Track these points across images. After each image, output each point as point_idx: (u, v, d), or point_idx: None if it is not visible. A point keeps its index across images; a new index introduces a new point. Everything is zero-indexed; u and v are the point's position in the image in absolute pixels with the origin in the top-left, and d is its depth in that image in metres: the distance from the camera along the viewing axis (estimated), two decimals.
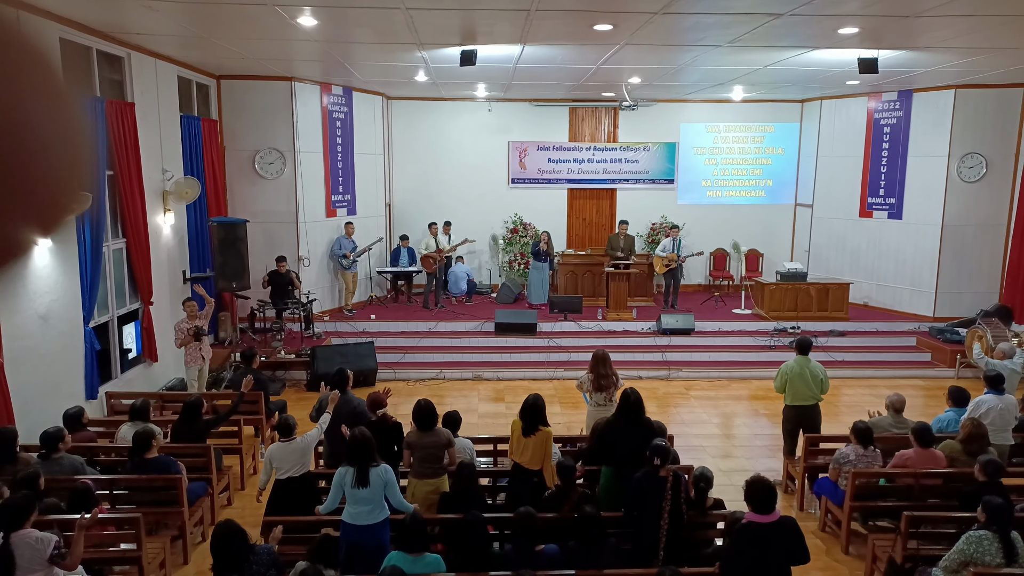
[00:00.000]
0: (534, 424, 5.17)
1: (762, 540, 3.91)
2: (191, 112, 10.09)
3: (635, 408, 5.27)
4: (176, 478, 5.44)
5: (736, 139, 14.28)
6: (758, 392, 9.91)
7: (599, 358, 6.50)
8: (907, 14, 6.57)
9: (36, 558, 3.95)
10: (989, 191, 11.61)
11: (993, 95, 11.29)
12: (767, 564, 3.91)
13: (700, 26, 7.23)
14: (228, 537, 4.11)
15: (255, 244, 10.67)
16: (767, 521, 3.91)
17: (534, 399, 5.26)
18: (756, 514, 3.94)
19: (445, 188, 13.98)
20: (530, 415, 5.18)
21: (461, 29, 7.58)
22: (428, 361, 10.71)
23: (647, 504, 4.55)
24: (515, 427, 5.25)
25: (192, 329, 7.91)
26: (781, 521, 3.95)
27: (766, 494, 3.93)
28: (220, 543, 4.09)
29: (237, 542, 4.11)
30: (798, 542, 3.95)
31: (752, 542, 3.93)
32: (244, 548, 4.13)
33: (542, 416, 5.23)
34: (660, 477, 4.56)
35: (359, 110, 12.57)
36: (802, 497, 6.51)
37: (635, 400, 5.31)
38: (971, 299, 11.75)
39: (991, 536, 4.33)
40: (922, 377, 10.54)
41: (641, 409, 5.30)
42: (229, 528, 4.15)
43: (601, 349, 6.65)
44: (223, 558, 4.08)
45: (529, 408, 5.20)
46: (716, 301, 13.07)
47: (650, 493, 4.55)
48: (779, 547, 3.92)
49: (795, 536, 3.95)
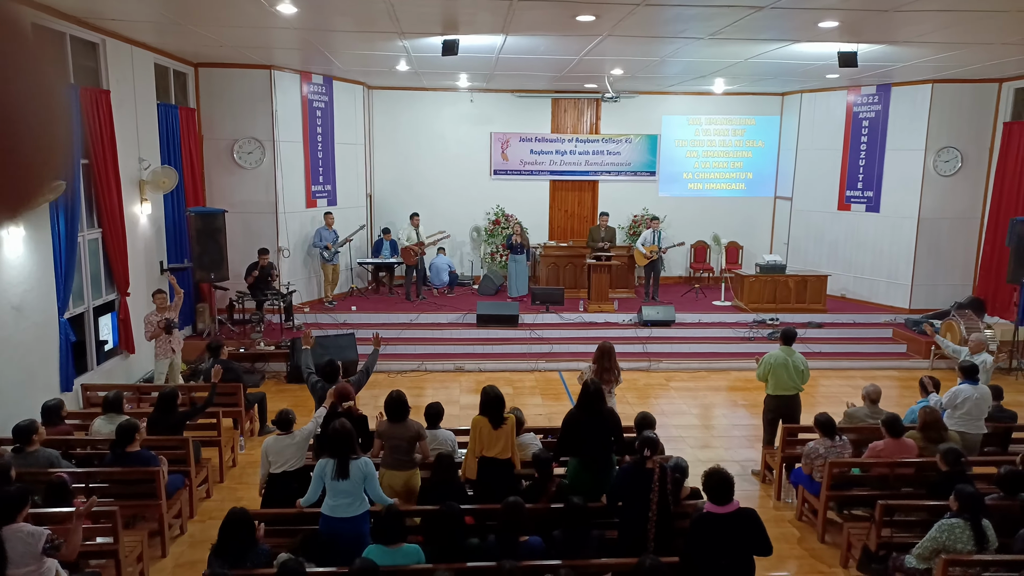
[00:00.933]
0: (501, 415, 5.19)
1: (720, 530, 3.96)
2: (168, 100, 9.93)
3: (595, 399, 5.30)
4: (153, 471, 5.38)
5: (717, 132, 14.35)
6: (737, 383, 10.00)
7: (605, 350, 6.55)
8: (886, 8, 6.63)
9: (28, 552, 3.91)
10: (964, 185, 11.78)
11: (969, 90, 11.44)
12: (726, 554, 3.96)
13: (682, 18, 7.24)
14: (239, 524, 4.17)
15: (234, 234, 10.55)
16: (724, 512, 3.96)
17: (495, 391, 5.27)
18: (714, 505, 3.99)
19: (427, 179, 13.92)
20: (496, 408, 5.19)
21: (443, 18, 7.52)
22: (409, 353, 10.69)
23: (634, 495, 4.58)
24: (480, 423, 5.22)
25: (162, 322, 7.79)
26: (740, 512, 3.99)
27: (723, 485, 3.98)
28: (230, 528, 4.15)
29: (246, 531, 4.18)
30: (758, 533, 3.99)
31: (710, 532, 3.98)
32: (250, 540, 4.17)
33: (504, 405, 5.27)
34: (647, 469, 4.60)
35: (339, 99, 12.46)
36: (780, 487, 6.60)
37: (595, 391, 5.34)
38: (946, 291, 11.94)
39: (963, 524, 4.41)
40: (898, 368, 10.70)
41: (601, 400, 5.33)
42: (243, 516, 4.21)
43: (607, 341, 6.70)
44: (228, 543, 4.11)
45: (494, 401, 5.20)
46: (696, 293, 13.16)
47: (637, 484, 4.58)
48: (738, 537, 3.96)
49: (755, 527, 3.99)
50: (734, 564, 3.99)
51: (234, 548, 4.13)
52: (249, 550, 4.17)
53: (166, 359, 7.94)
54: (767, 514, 6.20)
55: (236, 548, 4.13)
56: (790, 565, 5.52)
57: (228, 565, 4.10)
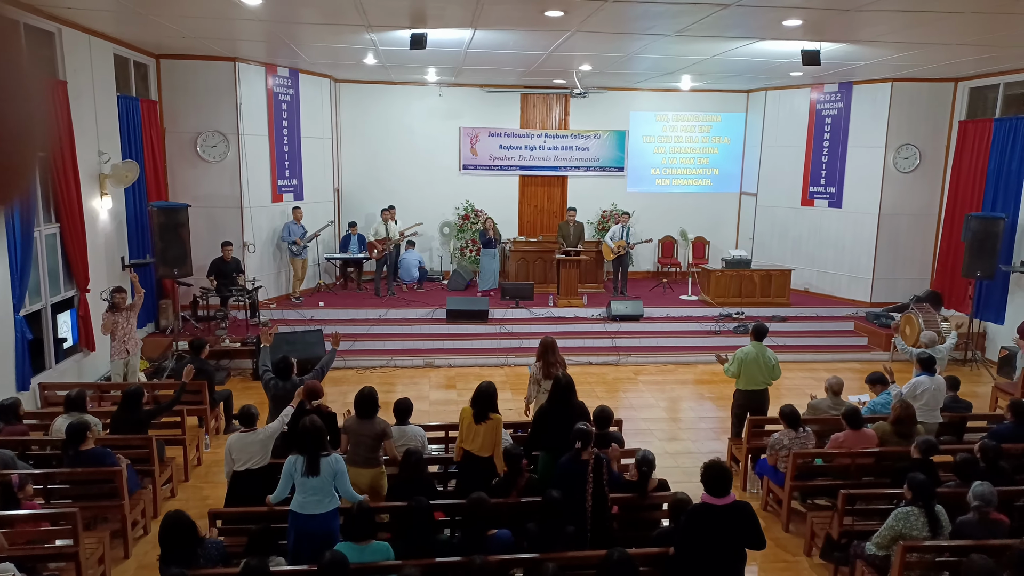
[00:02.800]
0: (485, 411, 5.18)
1: (714, 522, 4.01)
2: (129, 92, 9.70)
3: (566, 392, 5.34)
4: (115, 470, 5.27)
5: (684, 128, 14.50)
6: (704, 376, 10.15)
7: (547, 345, 6.54)
8: (848, 8, 6.76)
9: None
10: (922, 182, 12.09)
11: (926, 89, 11.73)
12: (720, 545, 4.02)
13: (649, 15, 7.30)
14: (177, 528, 4.01)
15: (198, 229, 10.35)
16: (720, 504, 4.01)
17: (486, 386, 5.27)
18: (711, 496, 4.04)
19: (395, 173, 13.82)
20: (481, 402, 5.19)
21: (411, 11, 7.47)
22: (378, 349, 10.62)
23: (572, 487, 4.61)
24: (465, 415, 5.25)
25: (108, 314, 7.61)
26: (735, 505, 4.04)
27: (721, 478, 4.03)
28: (169, 534, 3.99)
29: (186, 533, 4.01)
30: (752, 526, 4.05)
31: (704, 523, 4.03)
32: (193, 540, 4.04)
33: (493, 403, 5.24)
34: (582, 460, 4.63)
35: (306, 92, 12.30)
36: (745, 478, 6.71)
37: (566, 384, 5.37)
38: (905, 285, 12.25)
39: (917, 511, 4.54)
40: (859, 360, 10.95)
41: (572, 392, 5.37)
42: (178, 519, 4.04)
43: (548, 336, 6.69)
44: (171, 550, 3.98)
45: (481, 395, 5.21)
46: (664, 288, 13.30)
47: (573, 476, 4.61)
48: (732, 530, 4.02)
49: (749, 520, 4.05)
50: (727, 556, 4.03)
51: (179, 552, 3.99)
52: (197, 548, 4.06)
53: (121, 359, 7.76)
54: None
55: (181, 552, 3.99)
56: (756, 554, 5.61)
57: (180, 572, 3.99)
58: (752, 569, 5.44)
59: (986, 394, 9.09)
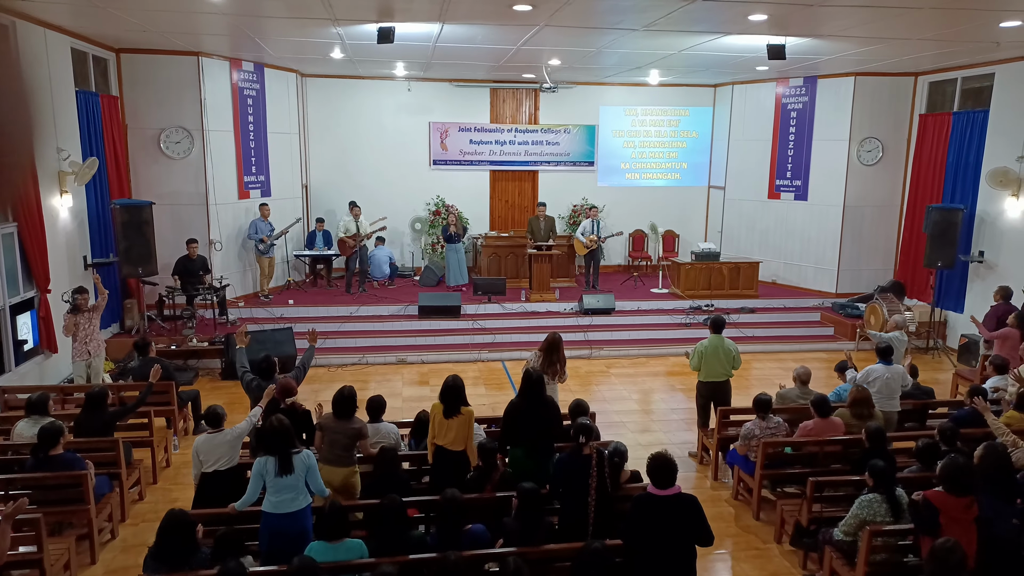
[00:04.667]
0: (455, 406, 5.17)
1: (658, 512, 4.06)
2: (88, 87, 9.45)
3: (536, 387, 5.36)
4: (81, 475, 5.16)
5: (653, 122, 14.60)
6: (675, 368, 10.25)
7: (554, 343, 6.56)
8: (811, 3, 6.86)
9: None
10: (885, 174, 12.35)
11: (888, 83, 11.97)
12: (665, 536, 4.06)
13: (617, 9, 7.33)
14: (179, 526, 4.00)
15: (162, 227, 10.16)
16: (664, 494, 4.06)
17: (453, 380, 5.25)
18: (655, 487, 4.09)
19: (365, 169, 13.70)
20: (451, 397, 5.18)
21: (378, 5, 7.40)
22: (350, 346, 10.53)
23: (573, 482, 4.65)
24: (436, 410, 5.23)
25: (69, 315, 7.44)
26: (679, 496, 4.09)
27: (665, 469, 4.08)
28: (170, 531, 3.97)
29: (186, 535, 4.01)
30: (698, 520, 4.08)
31: (648, 513, 4.08)
32: (191, 543, 4.00)
33: (463, 397, 5.23)
34: (584, 455, 4.67)
35: (272, 87, 12.11)
36: (716, 467, 6.81)
37: (536, 379, 5.39)
38: (869, 276, 12.51)
39: (879, 498, 4.65)
40: (826, 350, 11.16)
41: (542, 387, 5.39)
42: (182, 518, 4.03)
43: (557, 333, 6.70)
44: (167, 546, 3.94)
45: (449, 390, 5.19)
46: (635, 281, 13.40)
47: (575, 471, 4.65)
48: (677, 521, 4.06)
49: (694, 513, 4.08)
50: (673, 547, 4.08)
51: (173, 552, 3.98)
52: (191, 555, 4.01)
53: (83, 361, 7.58)
54: (704, 494, 6.42)
55: (175, 552, 3.98)
56: (727, 543, 5.71)
57: (167, 569, 3.96)
58: (724, 558, 5.52)
59: (947, 381, 9.33)
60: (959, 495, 4.18)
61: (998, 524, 4.27)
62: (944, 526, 4.14)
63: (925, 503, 4.27)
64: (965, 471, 4.20)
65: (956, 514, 4.17)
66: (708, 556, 5.43)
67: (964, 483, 4.17)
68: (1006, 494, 4.41)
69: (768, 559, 5.50)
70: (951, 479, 4.21)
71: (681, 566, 4.10)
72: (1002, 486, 4.42)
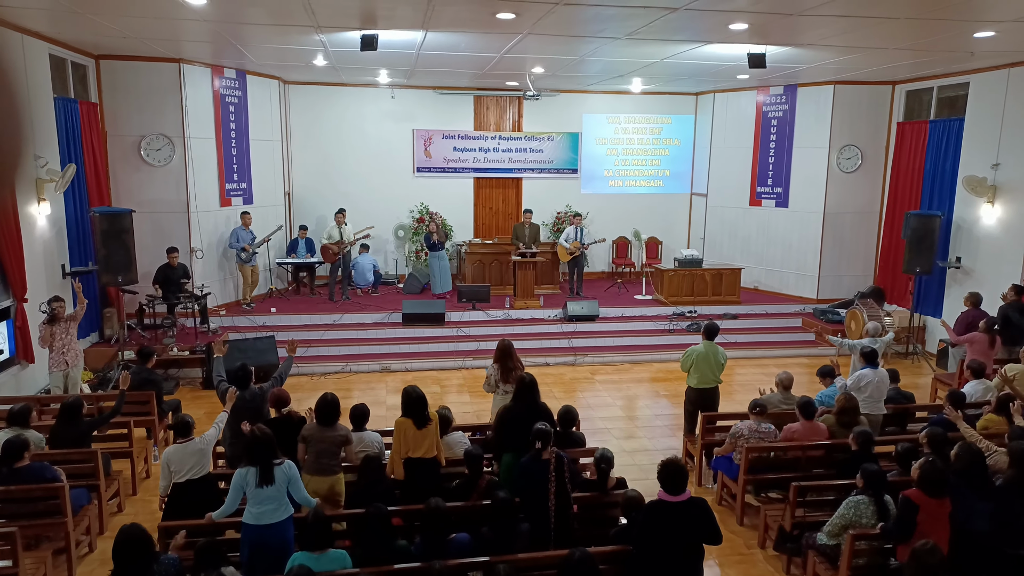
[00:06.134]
0: (425, 415, 5.14)
1: (671, 518, 4.06)
2: (67, 94, 9.34)
3: (530, 392, 5.34)
4: (57, 487, 5.07)
5: (636, 130, 14.70)
6: (659, 374, 10.29)
7: (504, 349, 6.55)
8: (791, 12, 6.95)
9: None
10: (864, 181, 12.51)
11: (866, 91, 12.14)
12: (676, 542, 4.06)
13: (600, 18, 7.37)
14: (132, 544, 3.81)
15: (143, 235, 10.05)
16: (677, 500, 4.06)
17: (416, 391, 5.19)
18: (667, 494, 4.09)
19: (348, 177, 13.66)
20: (419, 408, 5.13)
21: (361, 12, 7.39)
22: (333, 354, 10.46)
23: (534, 487, 4.63)
24: (404, 425, 5.14)
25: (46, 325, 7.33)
26: (691, 501, 4.10)
27: (677, 475, 4.08)
28: (123, 550, 3.80)
29: (141, 549, 3.83)
30: (709, 522, 4.11)
31: (661, 520, 4.07)
32: (149, 556, 3.87)
33: (427, 405, 5.22)
34: (543, 460, 4.65)
35: (254, 94, 12.05)
36: (700, 473, 6.83)
37: (530, 384, 5.38)
38: (849, 281, 12.66)
39: (867, 500, 4.70)
40: (807, 355, 11.26)
41: (535, 393, 5.38)
42: (133, 534, 3.84)
43: (506, 340, 6.69)
44: (125, 567, 3.81)
45: (417, 402, 5.14)
46: (619, 288, 13.45)
47: (535, 477, 4.63)
48: (689, 526, 4.07)
49: (706, 516, 4.11)
50: (684, 552, 4.08)
51: (133, 569, 3.80)
52: (152, 564, 3.90)
53: (60, 371, 7.45)
54: None
55: (135, 569, 3.80)
56: (711, 549, 5.70)
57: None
58: (709, 563, 5.52)
59: (927, 385, 9.44)
60: (936, 496, 4.31)
61: (972, 521, 4.37)
62: (922, 524, 4.24)
63: (905, 501, 4.36)
64: (941, 473, 4.32)
65: (933, 511, 4.30)
66: None
67: (941, 485, 4.31)
68: (980, 492, 4.49)
69: (752, 564, 5.52)
70: (928, 481, 4.33)
71: (690, 569, 4.11)
72: (977, 484, 4.51)
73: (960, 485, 4.49)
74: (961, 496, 4.45)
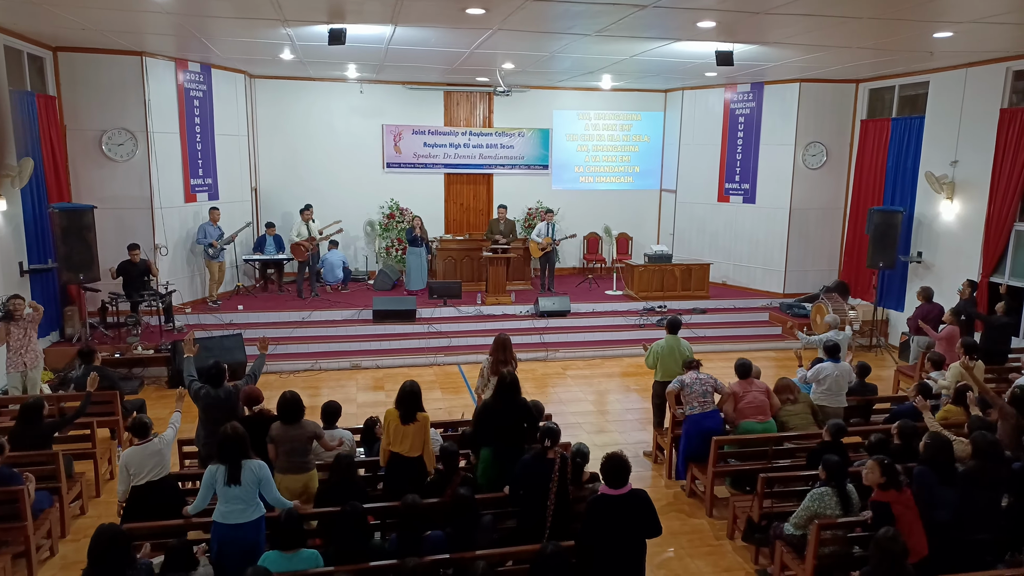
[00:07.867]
0: (412, 412, 5.12)
1: (614, 511, 4.11)
2: (23, 87, 9.07)
3: (511, 389, 5.36)
4: (16, 490, 4.93)
5: (606, 126, 14.77)
6: (629, 369, 10.37)
7: (502, 342, 6.60)
8: (757, 11, 7.04)
9: None
10: (829, 177, 12.74)
11: (831, 89, 12.36)
12: (620, 534, 4.12)
13: (569, 14, 7.39)
14: (111, 542, 3.74)
15: (105, 232, 9.81)
16: (618, 493, 4.11)
17: (411, 386, 5.20)
18: (609, 488, 4.14)
19: (316, 172, 13.50)
20: (408, 403, 5.12)
21: (328, 6, 7.30)
22: (303, 352, 10.35)
23: (535, 485, 4.65)
24: (391, 416, 5.16)
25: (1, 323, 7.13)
26: (632, 493, 4.16)
27: (619, 469, 4.14)
28: (100, 548, 3.73)
29: (120, 549, 3.77)
30: (649, 514, 4.17)
31: (604, 513, 4.12)
32: (126, 558, 3.79)
33: (419, 403, 5.19)
34: (548, 459, 4.68)
35: (219, 88, 11.83)
36: (670, 466, 6.90)
37: (511, 381, 5.39)
38: (815, 276, 12.89)
39: (831, 491, 4.80)
40: (774, 349, 11.44)
41: (517, 389, 5.39)
42: (113, 533, 3.78)
43: (504, 333, 6.75)
44: (100, 566, 3.73)
45: (407, 396, 5.14)
46: (590, 283, 13.52)
47: (538, 474, 4.66)
48: (631, 518, 4.13)
49: (646, 508, 4.17)
50: (626, 544, 4.13)
51: (107, 570, 3.75)
52: (127, 569, 3.84)
53: (17, 372, 7.26)
54: (659, 492, 6.50)
55: (110, 569, 3.75)
56: (682, 540, 5.79)
57: None
58: (679, 555, 5.60)
59: (890, 377, 9.66)
60: (897, 488, 4.48)
61: (936, 510, 4.51)
62: (898, 516, 4.39)
63: (874, 504, 4.52)
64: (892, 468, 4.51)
65: (903, 502, 4.45)
66: (662, 553, 5.51)
67: (895, 476, 4.50)
68: (946, 479, 4.62)
69: (721, 555, 5.60)
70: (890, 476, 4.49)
71: (632, 562, 4.16)
72: (944, 473, 4.64)
73: (925, 473, 4.62)
74: (926, 486, 4.57)
